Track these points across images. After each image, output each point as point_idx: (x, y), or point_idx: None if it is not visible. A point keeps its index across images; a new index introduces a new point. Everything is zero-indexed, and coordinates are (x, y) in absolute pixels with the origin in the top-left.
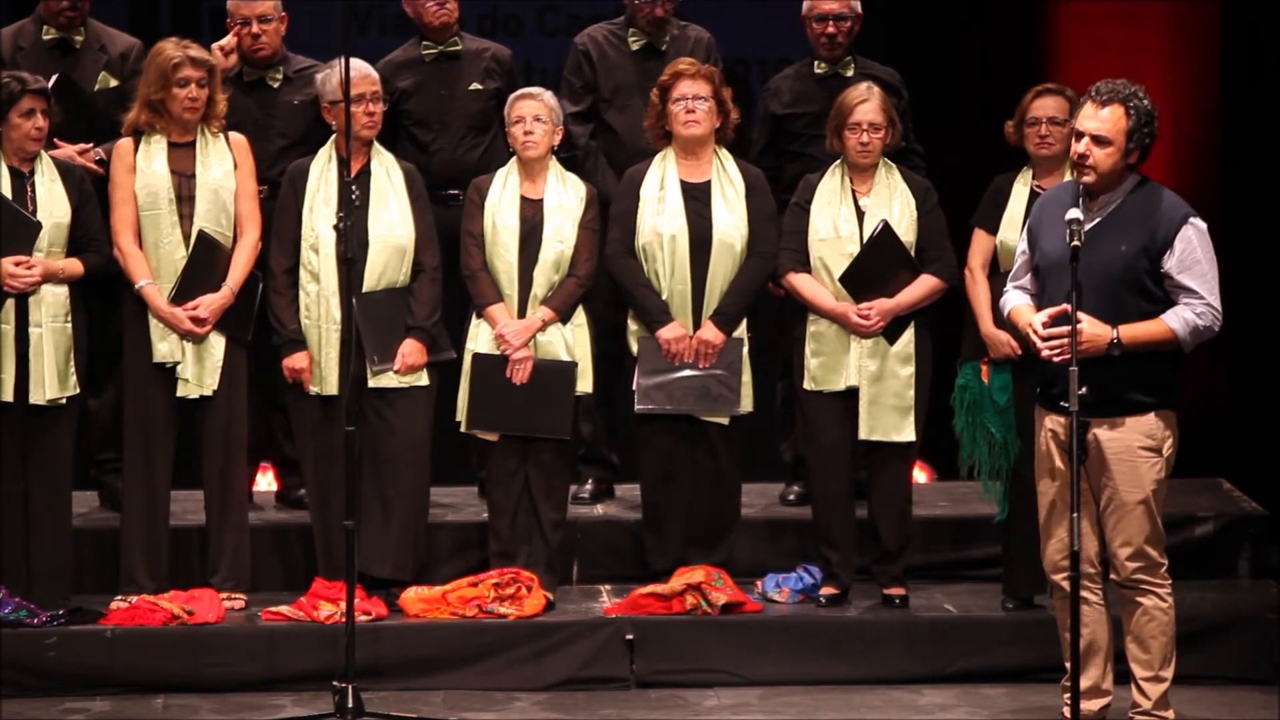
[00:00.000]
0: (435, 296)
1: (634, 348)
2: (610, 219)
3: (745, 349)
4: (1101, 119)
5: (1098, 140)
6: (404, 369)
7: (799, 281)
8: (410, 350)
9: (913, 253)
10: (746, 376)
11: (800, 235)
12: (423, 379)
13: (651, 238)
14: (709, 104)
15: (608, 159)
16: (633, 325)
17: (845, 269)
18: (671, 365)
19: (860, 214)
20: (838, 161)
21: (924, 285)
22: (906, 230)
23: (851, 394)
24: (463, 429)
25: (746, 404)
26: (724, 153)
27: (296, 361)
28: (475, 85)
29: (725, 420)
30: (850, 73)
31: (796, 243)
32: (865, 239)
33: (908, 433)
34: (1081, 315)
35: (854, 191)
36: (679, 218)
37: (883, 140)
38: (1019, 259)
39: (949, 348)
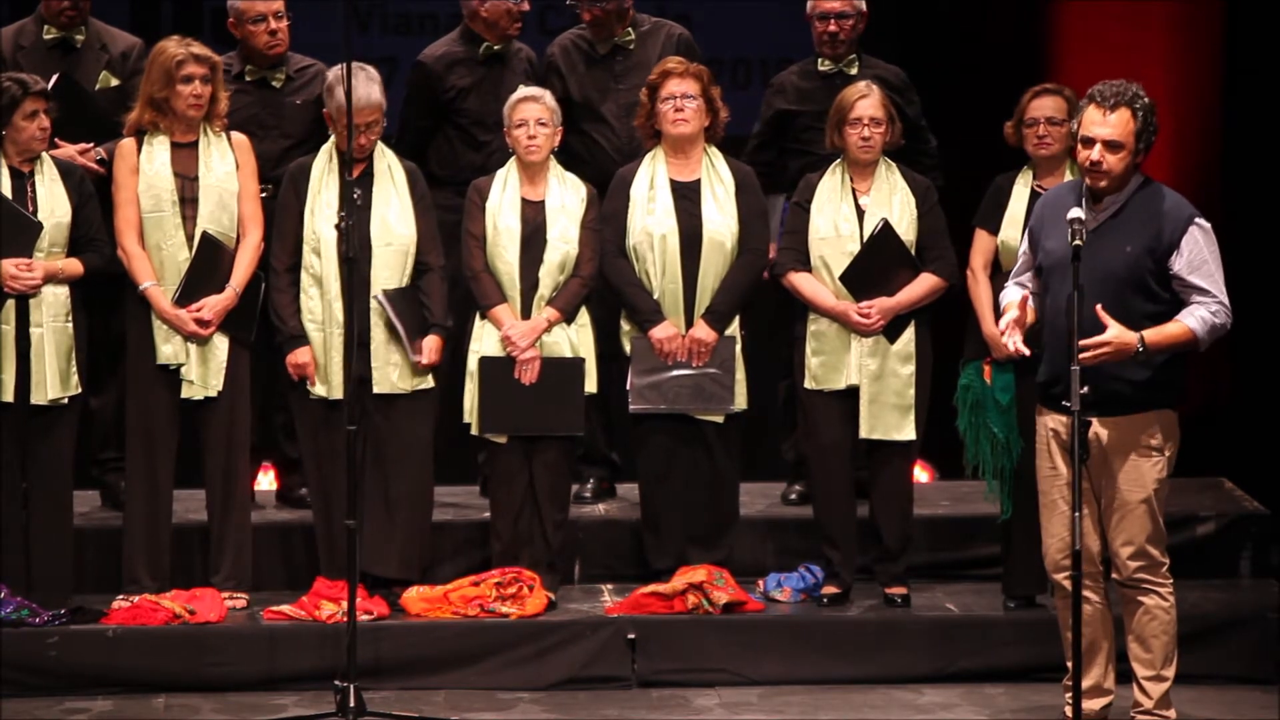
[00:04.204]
0: (444, 294)
1: (627, 347)
2: (600, 219)
3: (738, 347)
4: (1112, 124)
5: (1110, 146)
6: (430, 362)
7: (799, 280)
8: (435, 345)
9: (913, 251)
10: (740, 374)
11: (800, 234)
12: (427, 381)
13: (642, 237)
14: (698, 102)
15: (585, 162)
16: (625, 325)
17: (845, 268)
18: (664, 364)
19: (860, 213)
20: (838, 160)
21: (924, 284)
22: (907, 229)
23: (852, 393)
24: (475, 432)
25: (740, 402)
26: (713, 151)
27: (299, 357)
28: (521, 86)
29: (720, 419)
30: (855, 71)
31: (797, 242)
32: (865, 238)
33: (908, 431)
34: (1110, 321)
35: (854, 190)
36: (669, 217)
37: (883, 136)
38: (1020, 258)
39: (951, 348)
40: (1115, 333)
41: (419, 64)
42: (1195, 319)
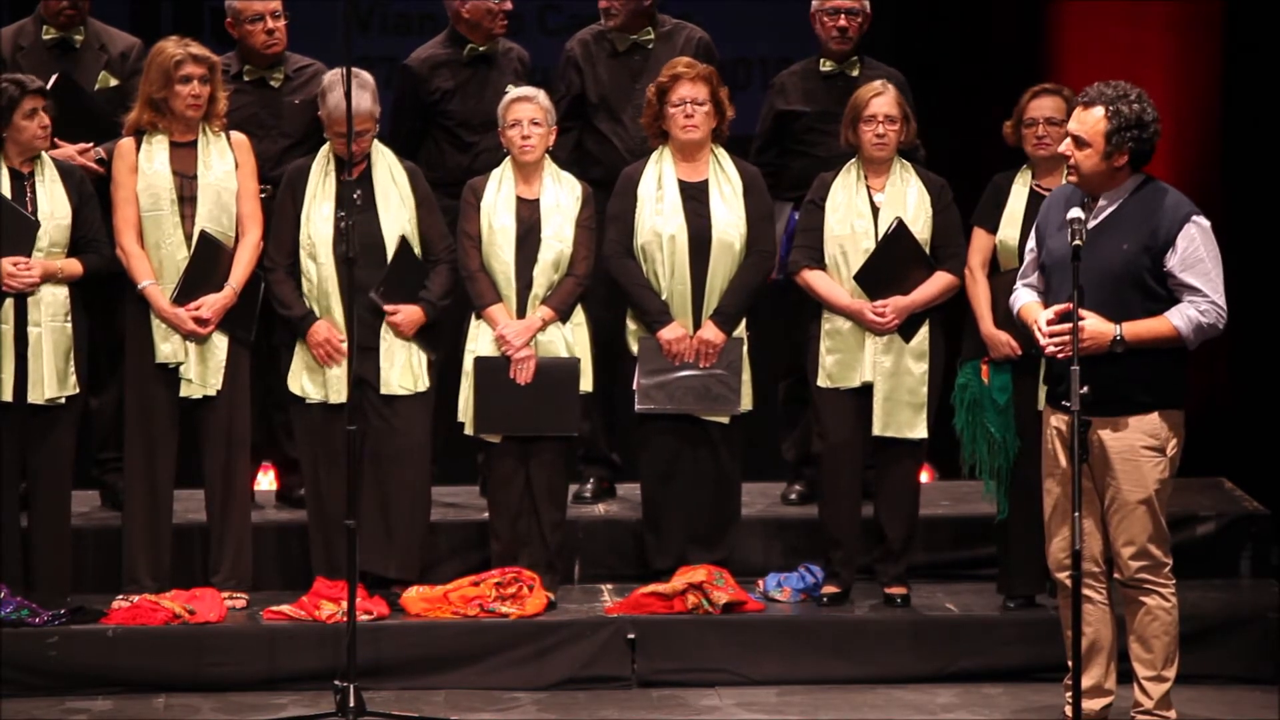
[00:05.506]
0: (448, 284)
1: (634, 348)
2: (607, 219)
3: (745, 348)
4: (1081, 120)
5: (1077, 141)
6: (396, 322)
7: (814, 279)
8: (413, 313)
9: (927, 250)
10: (746, 375)
11: (815, 233)
12: (424, 381)
13: (650, 238)
14: (707, 107)
15: (598, 161)
16: (632, 325)
17: (860, 266)
18: (672, 365)
19: (875, 211)
20: (852, 159)
21: (939, 282)
22: (921, 227)
23: (865, 390)
24: (469, 432)
25: (746, 403)
26: (720, 151)
27: (320, 332)
28: (510, 86)
29: (726, 419)
30: (856, 72)
31: (811, 240)
32: (880, 236)
33: (920, 430)
34: (1085, 312)
35: (868, 189)
36: (677, 217)
37: (898, 134)
38: (1027, 256)
39: (950, 347)
40: (1090, 322)
41: (404, 67)
42: (1182, 317)
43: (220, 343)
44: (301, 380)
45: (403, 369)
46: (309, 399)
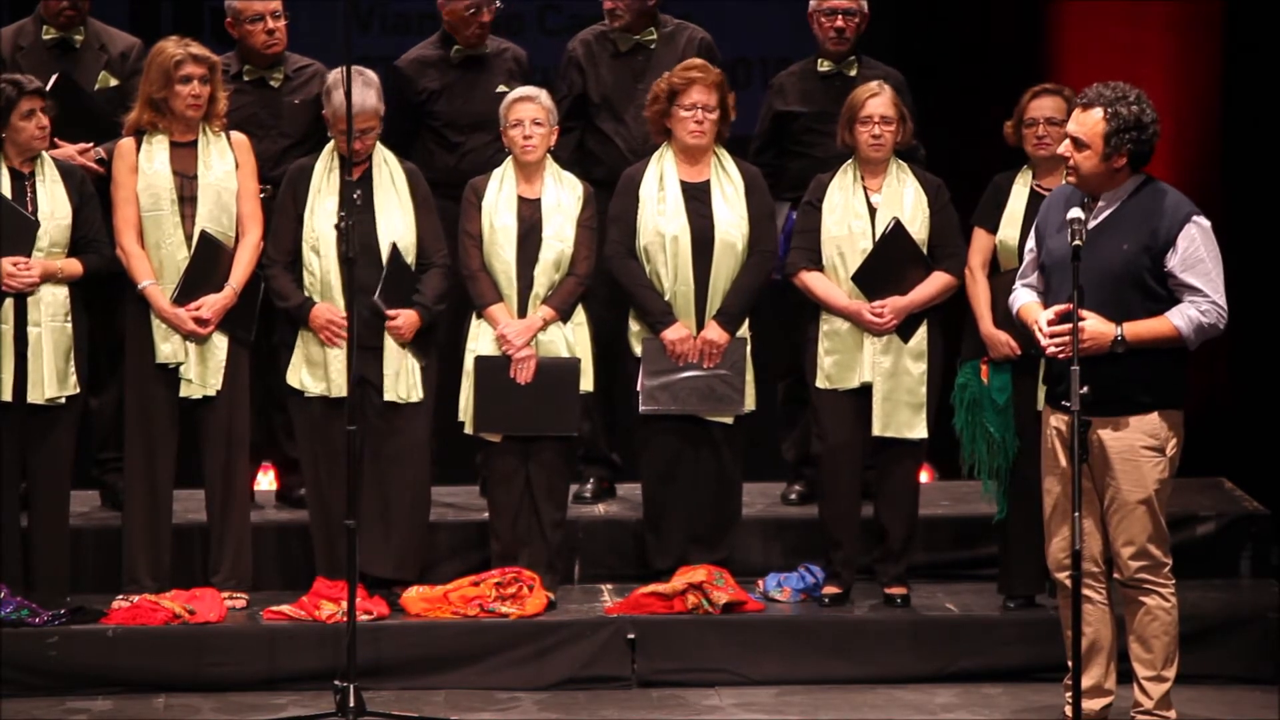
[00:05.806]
0: (442, 289)
1: (636, 349)
2: (608, 220)
3: (748, 348)
4: (1080, 122)
5: (1076, 143)
6: (397, 326)
7: (812, 280)
8: (409, 317)
9: (925, 250)
10: (749, 375)
11: (812, 234)
12: (418, 392)
13: (653, 238)
14: (716, 114)
15: (600, 161)
16: (635, 326)
17: (858, 267)
18: (676, 366)
19: (872, 211)
20: (849, 160)
21: (937, 282)
22: (919, 228)
23: (865, 391)
24: (469, 431)
25: (749, 403)
26: (721, 151)
27: (322, 314)
28: (501, 87)
29: (729, 420)
30: (854, 72)
31: (809, 241)
32: (877, 237)
33: (920, 430)
34: (1086, 313)
35: (865, 189)
36: (680, 217)
37: (894, 135)
38: (1027, 256)
39: (949, 347)
40: (1091, 323)
41: (394, 67)
42: (1183, 317)
43: (220, 343)
44: (301, 374)
45: (404, 377)
46: (308, 392)
